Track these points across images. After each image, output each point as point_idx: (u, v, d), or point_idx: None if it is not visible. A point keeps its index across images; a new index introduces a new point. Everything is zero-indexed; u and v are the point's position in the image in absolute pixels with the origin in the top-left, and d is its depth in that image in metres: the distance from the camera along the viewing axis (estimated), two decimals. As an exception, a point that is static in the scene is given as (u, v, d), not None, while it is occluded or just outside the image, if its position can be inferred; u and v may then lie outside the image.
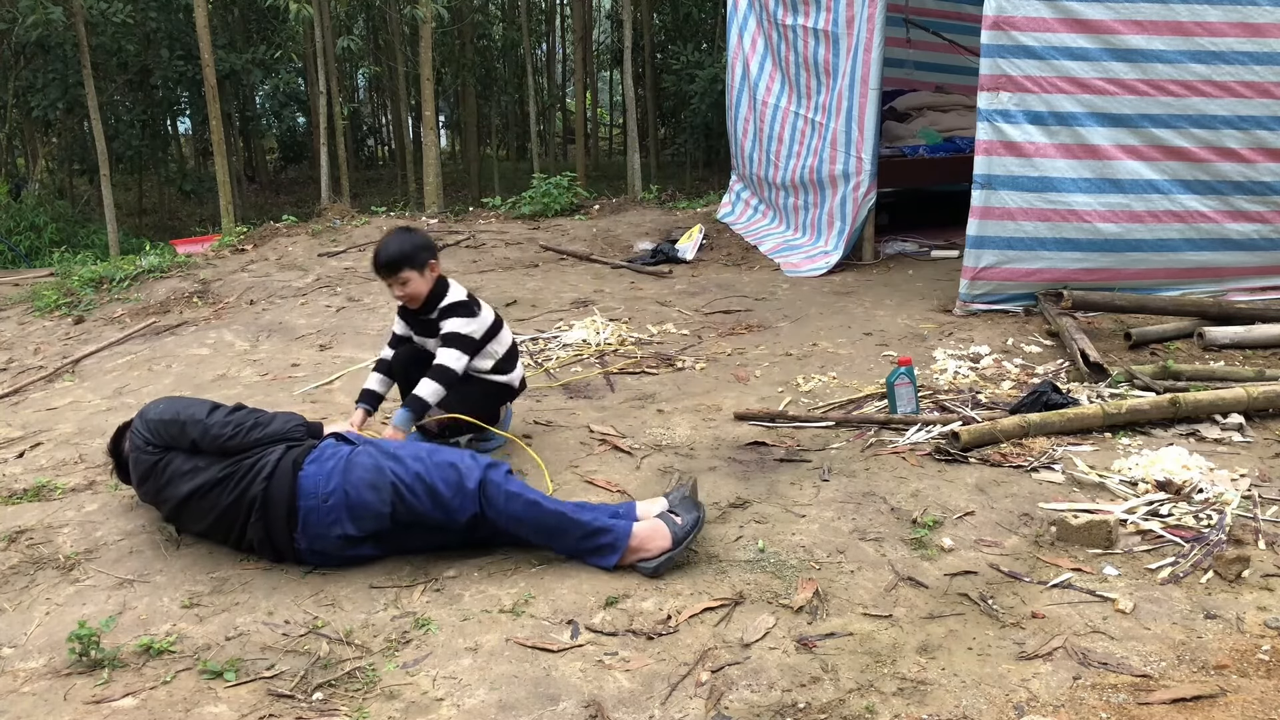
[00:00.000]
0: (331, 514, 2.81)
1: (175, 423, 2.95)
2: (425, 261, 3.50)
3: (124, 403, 4.60)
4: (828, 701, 2.21)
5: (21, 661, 2.51)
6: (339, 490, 2.81)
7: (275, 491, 2.83)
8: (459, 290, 3.60)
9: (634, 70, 14.57)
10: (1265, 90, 5.07)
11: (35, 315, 6.71)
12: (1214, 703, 2.14)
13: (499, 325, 3.67)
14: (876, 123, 6.34)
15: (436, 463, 2.84)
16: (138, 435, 3.01)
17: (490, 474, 2.83)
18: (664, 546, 2.77)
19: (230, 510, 2.87)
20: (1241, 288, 5.43)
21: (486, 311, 3.63)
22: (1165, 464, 3.27)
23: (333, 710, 2.26)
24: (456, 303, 3.55)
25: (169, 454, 2.96)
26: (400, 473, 2.81)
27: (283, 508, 2.82)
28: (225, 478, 2.87)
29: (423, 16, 10.96)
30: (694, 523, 2.82)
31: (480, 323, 3.56)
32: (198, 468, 2.91)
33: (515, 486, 2.85)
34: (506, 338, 3.69)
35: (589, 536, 2.78)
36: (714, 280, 6.61)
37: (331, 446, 2.95)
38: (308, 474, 2.84)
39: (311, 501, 2.81)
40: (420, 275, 3.50)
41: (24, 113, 15.49)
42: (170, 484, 2.93)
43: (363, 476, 2.82)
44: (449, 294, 3.56)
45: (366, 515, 2.81)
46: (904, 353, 4.67)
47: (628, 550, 2.77)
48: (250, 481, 2.85)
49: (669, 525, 2.80)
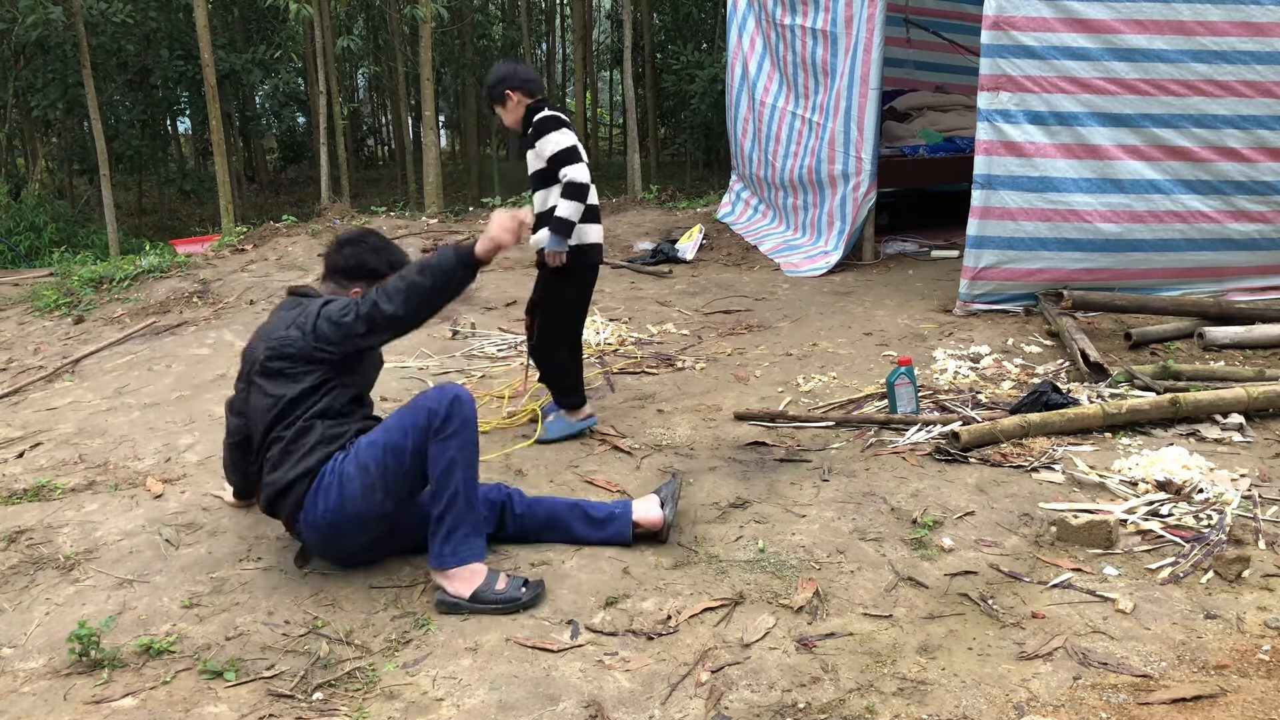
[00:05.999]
0: (333, 529, 2.76)
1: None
2: (501, 94, 3.74)
3: (124, 402, 4.60)
4: (828, 701, 2.21)
5: (21, 661, 2.51)
6: (335, 509, 2.72)
7: (288, 492, 2.77)
8: (547, 110, 3.71)
9: (634, 70, 14.56)
10: (1267, 90, 5.07)
11: (35, 315, 6.70)
12: (1214, 703, 2.14)
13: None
14: (876, 123, 6.34)
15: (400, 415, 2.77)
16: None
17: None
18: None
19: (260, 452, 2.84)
20: (1242, 288, 5.43)
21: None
22: (1165, 464, 3.26)
23: (333, 710, 2.26)
24: (541, 120, 3.66)
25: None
26: (377, 445, 2.73)
27: (289, 507, 2.79)
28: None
29: (423, 16, 10.96)
30: (673, 482, 3.03)
31: (570, 132, 3.66)
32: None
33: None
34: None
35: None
36: (714, 280, 6.60)
37: (336, 460, 2.78)
38: (310, 494, 2.75)
39: (312, 517, 2.76)
40: (504, 107, 3.77)
41: (24, 113, 15.49)
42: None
43: (355, 488, 2.71)
44: (542, 113, 3.70)
45: (368, 519, 2.75)
46: (904, 353, 4.67)
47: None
48: (288, 454, 2.76)
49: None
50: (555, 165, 3.59)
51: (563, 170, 3.56)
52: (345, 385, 2.86)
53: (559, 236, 3.56)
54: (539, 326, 3.78)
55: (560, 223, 3.55)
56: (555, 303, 3.76)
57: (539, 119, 3.64)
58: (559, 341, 3.79)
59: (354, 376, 2.91)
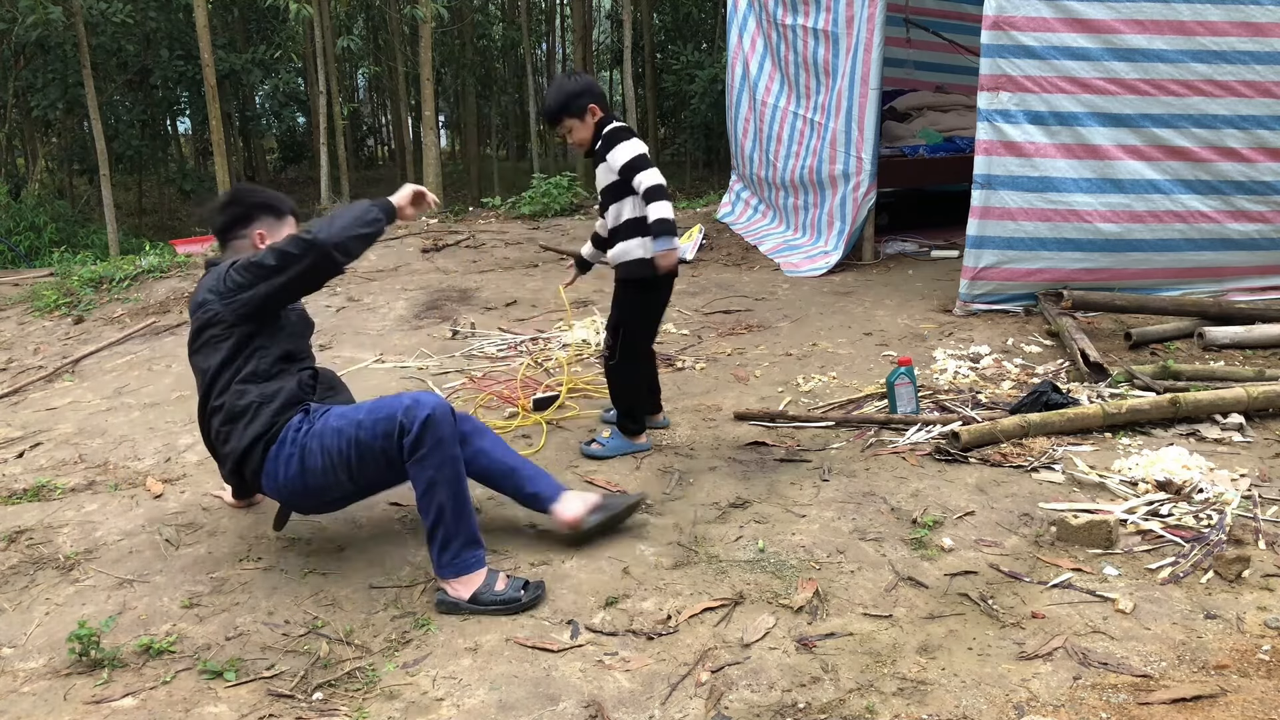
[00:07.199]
0: (296, 495, 2.81)
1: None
2: (584, 107, 3.51)
3: (124, 402, 4.60)
4: (828, 701, 2.21)
5: (21, 661, 2.51)
6: (296, 479, 2.74)
7: (246, 459, 2.76)
8: (617, 123, 3.58)
9: (634, 70, 14.56)
10: (1266, 90, 5.07)
11: (35, 315, 6.70)
12: (1214, 703, 2.14)
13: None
14: (876, 123, 6.34)
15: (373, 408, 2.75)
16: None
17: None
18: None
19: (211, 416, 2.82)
20: (1241, 287, 5.43)
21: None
22: (1165, 464, 3.26)
23: (333, 710, 2.26)
24: (611, 131, 3.52)
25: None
26: (346, 432, 2.71)
27: (251, 472, 2.80)
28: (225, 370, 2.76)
29: (423, 16, 10.96)
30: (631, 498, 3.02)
31: (640, 142, 3.55)
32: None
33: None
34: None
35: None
36: (714, 280, 6.60)
37: (294, 428, 2.77)
38: (270, 459, 2.75)
39: (273, 484, 2.79)
40: (581, 122, 3.53)
41: (24, 113, 15.49)
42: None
43: (317, 464, 2.72)
44: (609, 126, 3.55)
45: (331, 490, 2.77)
46: (904, 353, 4.67)
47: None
48: (237, 417, 2.74)
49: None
50: (628, 174, 3.48)
51: (637, 179, 3.46)
52: (266, 346, 2.81)
53: (667, 236, 3.47)
54: (621, 345, 3.66)
55: (663, 223, 3.43)
56: (640, 316, 3.68)
57: (610, 130, 3.51)
58: (638, 361, 3.72)
59: (276, 335, 2.85)
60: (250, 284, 2.74)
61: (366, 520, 3.20)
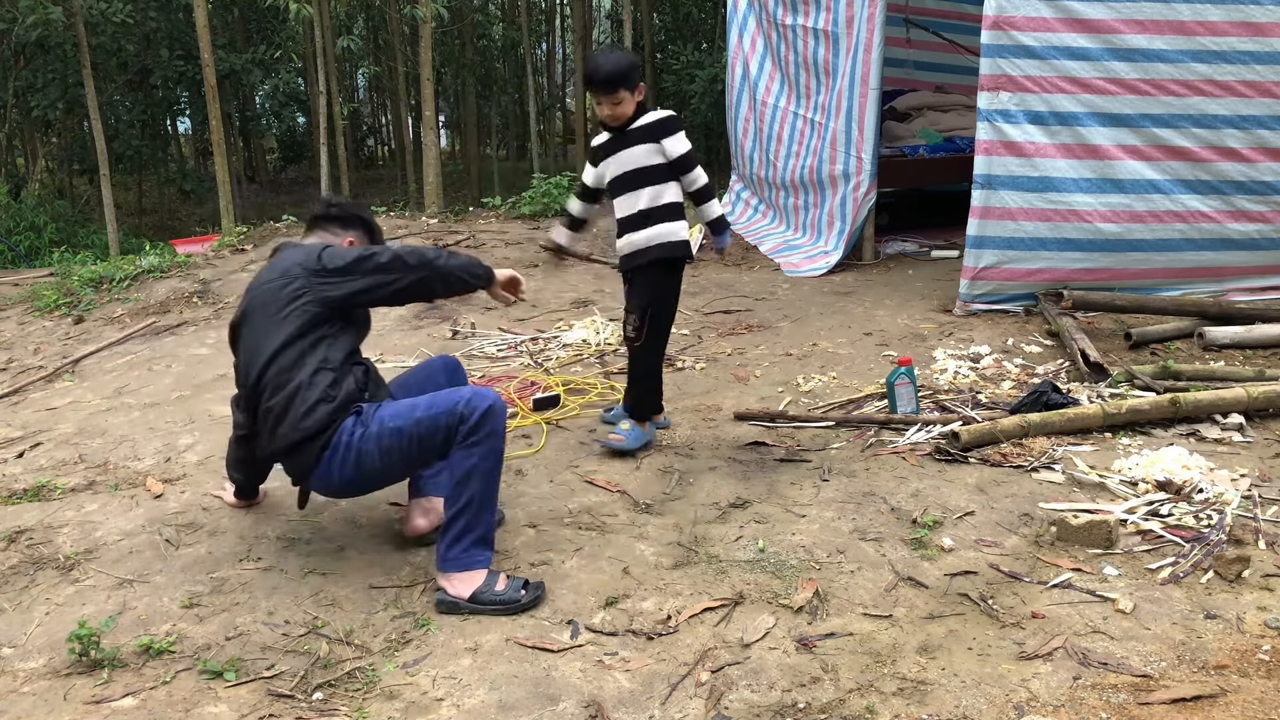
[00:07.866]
0: (345, 492, 2.85)
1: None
2: (637, 84, 3.51)
3: (124, 403, 4.60)
4: (828, 701, 2.21)
5: (21, 661, 2.51)
6: (352, 481, 2.77)
7: (297, 452, 2.73)
8: (659, 110, 3.61)
9: (634, 70, 14.56)
10: (1266, 90, 5.07)
11: (35, 315, 6.70)
12: (1214, 703, 2.14)
13: None
14: (876, 123, 6.34)
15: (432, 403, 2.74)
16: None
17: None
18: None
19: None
20: (1241, 287, 5.43)
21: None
22: (1165, 464, 3.26)
23: (333, 710, 2.26)
24: (668, 117, 3.55)
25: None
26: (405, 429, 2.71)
27: (299, 468, 2.78)
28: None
29: (423, 16, 10.96)
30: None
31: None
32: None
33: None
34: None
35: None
36: (714, 280, 6.60)
37: (347, 431, 2.73)
38: (325, 462, 2.72)
39: (324, 484, 2.79)
40: (632, 95, 3.50)
41: (24, 113, 15.48)
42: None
43: (374, 464, 2.72)
44: (653, 111, 3.57)
45: (381, 483, 2.84)
46: (904, 353, 4.67)
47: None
48: (290, 411, 2.69)
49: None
50: (685, 165, 3.55)
51: (694, 173, 3.57)
52: (336, 337, 2.78)
53: (728, 229, 3.81)
54: (649, 330, 3.67)
55: (723, 220, 3.76)
56: (671, 295, 3.74)
57: (668, 117, 3.54)
58: (662, 345, 3.78)
59: (347, 328, 2.84)
60: (353, 270, 2.75)
61: (366, 520, 3.20)
